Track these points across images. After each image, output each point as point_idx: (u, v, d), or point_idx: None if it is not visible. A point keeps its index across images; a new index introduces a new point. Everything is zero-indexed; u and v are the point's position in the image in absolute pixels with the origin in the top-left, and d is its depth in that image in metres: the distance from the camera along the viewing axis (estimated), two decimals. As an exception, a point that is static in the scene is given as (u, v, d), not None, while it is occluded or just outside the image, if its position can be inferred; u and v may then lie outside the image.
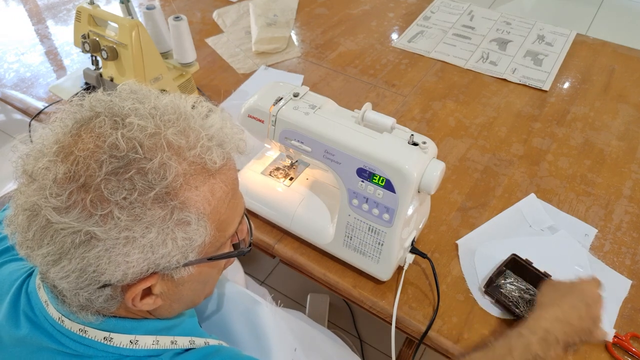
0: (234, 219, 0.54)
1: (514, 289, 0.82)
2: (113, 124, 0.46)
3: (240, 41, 1.40)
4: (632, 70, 1.32)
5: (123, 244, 0.44)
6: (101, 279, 0.45)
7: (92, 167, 0.43)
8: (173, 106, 0.50)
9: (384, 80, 1.27)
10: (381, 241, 0.76)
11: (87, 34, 0.96)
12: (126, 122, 0.46)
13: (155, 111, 0.48)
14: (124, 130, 0.45)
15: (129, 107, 0.47)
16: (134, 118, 0.46)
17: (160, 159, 0.45)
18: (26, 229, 0.45)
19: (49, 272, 0.46)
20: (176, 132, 0.47)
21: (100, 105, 0.48)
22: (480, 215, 0.94)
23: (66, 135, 0.47)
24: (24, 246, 0.46)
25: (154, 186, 0.44)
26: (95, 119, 0.47)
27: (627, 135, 1.12)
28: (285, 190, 0.88)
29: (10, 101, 1.19)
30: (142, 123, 0.46)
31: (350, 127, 0.74)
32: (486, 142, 1.10)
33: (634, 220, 0.94)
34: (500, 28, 1.48)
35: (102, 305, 0.49)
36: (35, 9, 1.54)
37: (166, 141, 0.46)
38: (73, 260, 0.44)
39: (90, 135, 0.46)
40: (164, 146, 0.46)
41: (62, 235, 0.43)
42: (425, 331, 0.76)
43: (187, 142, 0.48)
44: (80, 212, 0.43)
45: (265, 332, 0.75)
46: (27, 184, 0.46)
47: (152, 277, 0.48)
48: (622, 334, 0.76)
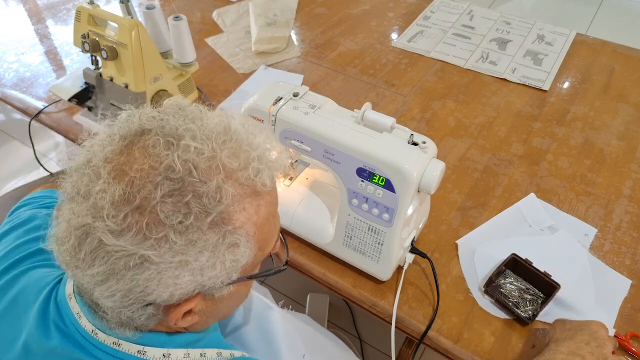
0: (273, 238, 0.54)
1: (514, 289, 0.82)
2: (167, 144, 0.45)
3: (240, 41, 1.40)
4: (632, 70, 1.32)
5: (175, 267, 0.44)
6: (147, 299, 0.45)
7: (148, 189, 0.43)
8: (225, 126, 0.49)
9: (384, 80, 1.27)
10: (381, 241, 0.76)
11: (87, 34, 0.96)
12: (182, 145, 0.45)
13: (210, 133, 0.47)
14: (180, 152, 0.44)
15: (183, 127, 0.46)
16: (190, 141, 0.45)
17: (216, 183, 0.44)
18: (77, 250, 0.44)
19: (94, 290, 0.45)
20: (230, 155, 0.47)
21: (150, 123, 0.48)
22: (481, 215, 0.94)
23: (116, 152, 0.46)
24: (71, 265, 0.45)
25: (210, 211, 0.44)
26: (146, 135, 0.46)
27: (627, 135, 1.12)
28: (285, 190, 0.88)
29: (10, 101, 1.19)
30: (199, 146, 0.45)
31: (350, 127, 0.74)
32: (486, 142, 1.10)
33: (634, 220, 0.94)
34: (500, 28, 1.48)
35: (143, 322, 0.49)
36: (35, 8, 1.54)
37: (221, 164, 0.46)
38: (122, 281, 0.44)
39: (143, 155, 0.45)
40: (220, 169, 0.45)
41: (115, 257, 0.43)
42: (425, 331, 0.76)
43: (239, 164, 0.47)
44: (136, 236, 0.42)
45: (277, 338, 0.75)
46: (80, 202, 0.44)
47: (197, 297, 0.48)
48: (622, 334, 0.76)
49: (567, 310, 0.79)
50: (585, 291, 0.82)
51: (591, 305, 0.80)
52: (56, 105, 1.16)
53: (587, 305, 0.79)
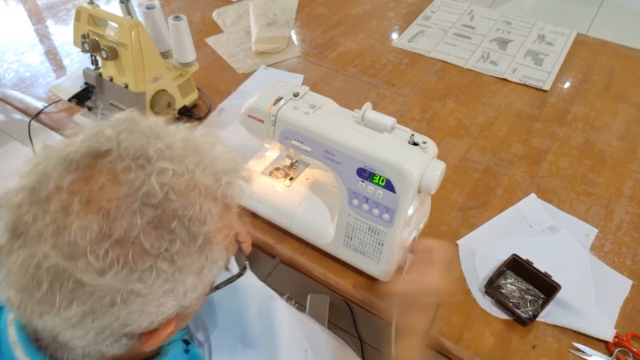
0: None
1: (514, 289, 0.81)
2: (138, 168, 0.41)
3: (240, 41, 1.40)
4: (633, 70, 1.31)
5: (161, 295, 0.42)
6: (124, 331, 0.42)
7: (127, 219, 0.39)
8: (192, 142, 0.47)
9: (384, 80, 1.27)
10: (381, 241, 0.76)
11: (86, 33, 0.96)
12: (156, 167, 0.42)
13: (182, 151, 0.44)
14: (155, 175, 0.41)
15: (153, 148, 0.43)
16: (164, 162, 0.42)
17: (199, 204, 0.42)
18: (49, 295, 0.39)
19: (65, 332, 0.41)
20: (204, 172, 0.45)
21: (108, 142, 0.43)
22: (481, 215, 0.94)
23: (75, 180, 0.40)
24: (36, 312, 0.40)
25: (197, 234, 0.42)
26: (106, 157, 0.42)
27: (627, 135, 1.12)
28: (285, 190, 0.88)
29: (10, 101, 1.19)
30: (176, 168, 0.42)
31: (350, 127, 0.74)
32: (486, 142, 1.09)
33: (634, 220, 0.94)
34: (501, 28, 1.48)
35: (111, 351, 0.45)
36: (35, 8, 1.54)
37: (199, 184, 0.44)
38: (100, 319, 0.40)
39: (112, 181, 0.40)
40: (199, 189, 0.43)
41: (97, 296, 0.39)
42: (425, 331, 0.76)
43: (214, 180, 0.46)
44: (121, 270, 0.39)
45: (279, 330, 0.75)
46: (39, 242, 0.38)
47: (174, 318, 0.46)
48: (622, 334, 0.76)
49: (568, 310, 0.78)
50: (585, 291, 0.82)
51: (591, 305, 0.80)
52: (56, 105, 1.15)
53: (588, 306, 0.79)
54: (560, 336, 0.77)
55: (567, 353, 0.75)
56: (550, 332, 0.77)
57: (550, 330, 0.77)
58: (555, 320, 0.78)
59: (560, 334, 0.77)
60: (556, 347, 0.75)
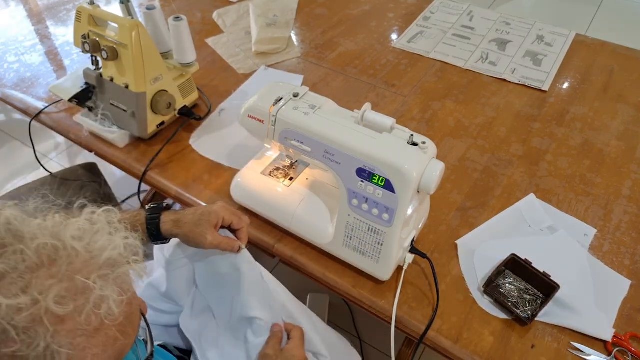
0: (133, 335, 0.47)
1: (513, 289, 0.82)
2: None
3: (240, 41, 1.40)
4: (632, 70, 1.32)
5: None
6: None
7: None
8: (51, 246, 0.41)
9: (383, 80, 1.27)
10: (381, 241, 0.76)
11: (87, 34, 0.96)
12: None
13: (31, 265, 0.38)
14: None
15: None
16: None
17: (44, 344, 0.37)
18: None
19: None
20: (59, 295, 0.38)
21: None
22: (480, 215, 0.94)
23: None
24: None
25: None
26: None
27: (626, 135, 1.13)
28: (285, 190, 0.88)
29: (11, 101, 1.20)
30: (13, 303, 0.36)
31: (350, 127, 0.75)
32: (486, 142, 1.10)
33: (633, 220, 0.94)
34: (500, 28, 1.48)
35: None
36: (35, 9, 1.54)
37: (48, 316, 0.38)
38: None
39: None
40: (46, 324, 0.37)
41: None
42: (424, 331, 0.77)
43: (75, 304, 0.39)
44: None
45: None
46: None
47: None
48: (621, 333, 0.77)
49: (566, 310, 0.79)
50: (584, 291, 0.82)
51: (590, 305, 0.80)
52: (56, 105, 1.16)
53: (586, 306, 0.80)
54: (559, 336, 0.77)
55: (566, 352, 0.75)
56: (549, 331, 0.77)
57: (549, 330, 0.78)
58: (554, 319, 0.78)
59: (559, 334, 0.77)
60: (555, 346, 0.76)
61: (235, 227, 0.77)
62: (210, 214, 0.74)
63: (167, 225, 0.74)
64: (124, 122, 1.04)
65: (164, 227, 0.74)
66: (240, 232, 0.78)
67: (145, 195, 1.65)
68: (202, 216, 0.74)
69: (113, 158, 1.05)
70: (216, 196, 0.96)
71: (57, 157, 2.00)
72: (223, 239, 0.74)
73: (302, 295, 1.46)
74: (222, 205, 0.76)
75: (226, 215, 0.75)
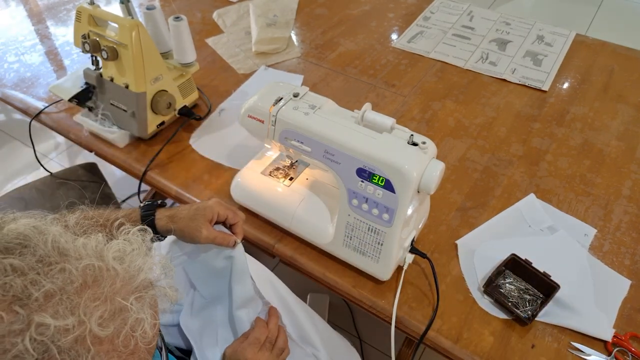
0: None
1: (513, 289, 0.82)
2: (11, 314, 0.35)
3: (240, 41, 1.40)
4: (632, 70, 1.32)
5: None
6: None
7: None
8: (94, 268, 0.41)
9: (383, 80, 1.27)
10: (381, 241, 0.76)
11: (87, 34, 0.96)
12: (33, 320, 0.35)
13: (77, 292, 0.38)
14: (32, 332, 0.35)
15: (39, 292, 0.37)
16: (46, 317, 0.35)
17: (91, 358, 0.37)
18: None
19: None
20: (102, 317, 0.39)
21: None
22: (480, 215, 0.94)
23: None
24: None
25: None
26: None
27: (626, 135, 1.13)
28: (285, 190, 0.88)
29: (11, 101, 1.20)
30: (60, 324, 0.36)
31: (350, 127, 0.75)
32: (486, 142, 1.10)
33: (633, 220, 0.94)
34: (500, 28, 1.48)
35: None
36: (36, 9, 1.54)
37: (91, 338, 0.38)
38: None
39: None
40: (89, 345, 0.37)
41: None
42: (424, 331, 0.77)
43: (115, 324, 0.40)
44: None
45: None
46: None
47: None
48: (621, 333, 0.77)
49: (566, 310, 0.79)
50: (584, 291, 0.82)
51: (590, 305, 0.80)
52: (56, 105, 1.16)
53: (586, 305, 0.80)
54: (559, 336, 0.77)
55: (566, 352, 0.75)
56: (549, 331, 0.77)
57: (549, 330, 0.78)
58: (554, 319, 0.78)
59: (559, 334, 0.77)
60: (555, 346, 0.76)
61: (231, 221, 0.77)
62: (205, 209, 0.74)
63: (162, 221, 0.74)
64: (124, 122, 1.04)
65: (159, 223, 0.74)
66: (235, 227, 0.78)
67: (145, 195, 1.65)
68: (197, 211, 0.73)
69: (113, 158, 1.05)
70: (216, 196, 0.96)
71: (57, 157, 2.00)
72: (218, 233, 0.74)
73: (302, 295, 1.46)
74: (216, 201, 0.76)
75: (221, 210, 0.75)
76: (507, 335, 0.77)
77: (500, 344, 0.76)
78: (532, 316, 0.77)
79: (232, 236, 0.76)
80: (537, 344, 0.76)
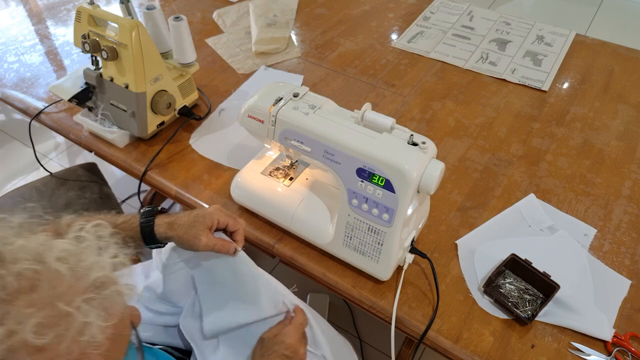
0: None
1: (513, 289, 0.82)
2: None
3: (240, 41, 1.40)
4: (632, 70, 1.32)
5: None
6: None
7: None
8: (33, 264, 0.39)
9: (383, 80, 1.27)
10: (381, 241, 0.76)
11: (87, 34, 0.96)
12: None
13: (7, 290, 0.37)
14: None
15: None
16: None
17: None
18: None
19: None
20: (39, 323, 0.37)
21: None
22: (480, 215, 0.94)
23: None
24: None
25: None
26: None
27: (626, 135, 1.13)
28: (285, 190, 0.88)
29: (11, 101, 1.20)
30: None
31: (350, 127, 0.75)
32: (485, 142, 1.10)
33: (633, 220, 0.94)
34: (500, 28, 1.48)
35: None
36: (35, 9, 1.54)
37: (26, 346, 0.36)
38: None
39: None
40: (23, 355, 0.36)
41: None
42: (424, 331, 0.77)
43: (56, 330, 0.38)
44: None
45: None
46: None
47: None
48: (621, 333, 0.77)
49: (566, 310, 0.79)
50: (584, 291, 0.82)
51: (590, 305, 0.80)
52: (56, 105, 1.16)
53: (586, 305, 0.80)
54: (559, 336, 0.77)
55: (566, 352, 0.75)
56: (549, 331, 0.77)
57: (549, 330, 0.78)
58: (554, 319, 0.78)
59: (559, 334, 0.77)
60: (555, 346, 0.76)
61: (231, 229, 0.76)
62: (205, 216, 0.73)
63: (162, 228, 0.73)
64: (124, 122, 1.04)
65: (158, 230, 0.73)
66: (236, 234, 0.77)
67: (145, 195, 1.65)
68: (196, 218, 0.73)
69: (113, 158, 1.05)
70: (216, 196, 0.96)
71: (57, 157, 2.00)
72: (218, 240, 0.73)
73: (302, 295, 1.46)
74: (217, 207, 0.76)
75: (221, 217, 0.74)
76: (507, 335, 0.77)
77: (500, 344, 0.76)
78: (532, 316, 0.77)
79: (232, 244, 0.75)
80: (537, 344, 0.76)
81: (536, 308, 0.79)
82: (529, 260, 0.82)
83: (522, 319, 0.77)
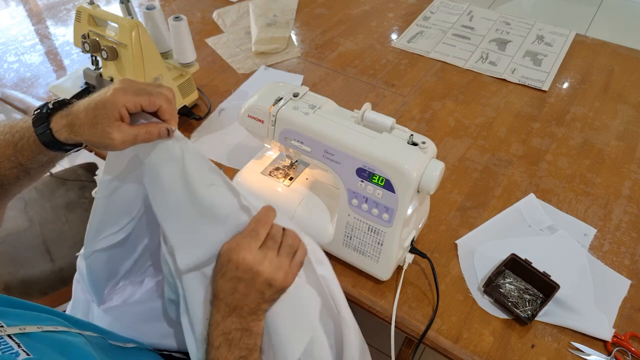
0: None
1: (513, 288, 0.82)
2: None
3: (240, 41, 1.40)
4: (632, 70, 1.32)
5: None
6: None
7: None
8: None
9: (383, 80, 1.27)
10: (381, 241, 0.76)
11: (87, 34, 0.96)
12: None
13: None
14: None
15: None
16: None
17: None
18: None
19: None
20: None
21: None
22: (480, 215, 0.94)
23: None
24: None
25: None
26: None
27: (626, 135, 1.13)
28: (285, 190, 0.88)
29: (10, 101, 1.20)
30: None
31: (349, 127, 0.75)
32: (485, 142, 1.10)
33: (633, 220, 0.94)
34: (500, 28, 1.48)
35: None
36: (35, 9, 1.54)
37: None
38: None
39: None
40: None
41: None
42: (424, 331, 0.77)
43: None
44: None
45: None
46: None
47: None
48: (621, 333, 0.77)
49: (566, 310, 0.79)
50: (584, 291, 0.82)
51: (590, 305, 0.80)
52: (56, 105, 1.16)
53: (586, 306, 0.80)
54: (559, 335, 0.77)
55: (566, 352, 0.75)
56: (549, 331, 0.77)
57: (549, 330, 0.78)
58: (554, 319, 0.78)
59: (559, 334, 0.77)
60: (555, 346, 0.76)
61: (149, 109, 0.58)
62: (106, 106, 0.55)
63: (63, 134, 0.57)
64: (123, 122, 1.03)
65: (60, 137, 0.58)
66: (161, 113, 0.59)
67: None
68: (95, 111, 0.55)
69: (113, 158, 1.05)
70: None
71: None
72: (138, 128, 0.57)
73: (302, 295, 1.46)
74: (117, 88, 0.56)
75: (128, 100, 0.56)
76: (507, 335, 0.77)
77: (500, 343, 0.76)
78: (532, 316, 0.77)
79: (160, 124, 0.58)
80: (537, 344, 0.76)
81: (536, 308, 0.79)
82: (528, 260, 0.82)
83: (522, 318, 0.77)
